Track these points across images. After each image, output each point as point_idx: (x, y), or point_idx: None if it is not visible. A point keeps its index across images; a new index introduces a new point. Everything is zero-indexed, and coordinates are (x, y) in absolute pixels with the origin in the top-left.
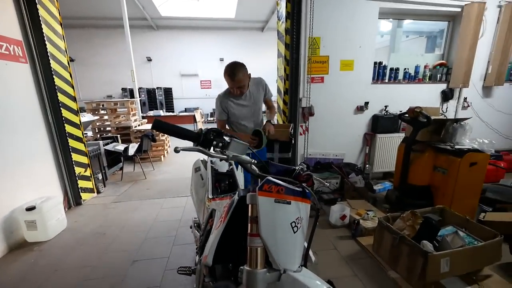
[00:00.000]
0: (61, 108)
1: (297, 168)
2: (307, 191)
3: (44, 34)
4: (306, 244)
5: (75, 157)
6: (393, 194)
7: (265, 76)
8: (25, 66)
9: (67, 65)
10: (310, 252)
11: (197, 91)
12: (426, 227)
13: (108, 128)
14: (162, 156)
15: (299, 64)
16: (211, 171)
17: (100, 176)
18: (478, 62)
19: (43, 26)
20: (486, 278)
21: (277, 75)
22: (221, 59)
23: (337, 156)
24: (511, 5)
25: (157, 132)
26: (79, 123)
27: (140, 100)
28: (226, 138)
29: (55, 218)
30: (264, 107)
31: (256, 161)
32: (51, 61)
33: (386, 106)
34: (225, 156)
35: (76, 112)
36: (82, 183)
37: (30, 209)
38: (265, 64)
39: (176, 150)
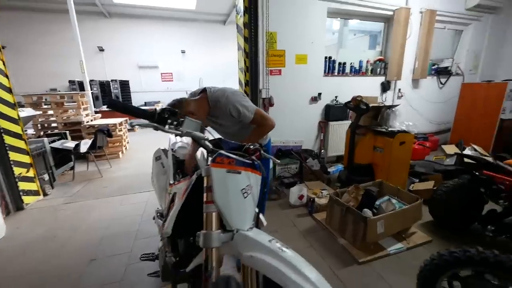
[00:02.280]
0: None
1: (247, 144)
2: (255, 162)
3: None
4: (257, 209)
5: (14, 156)
6: (343, 173)
7: (227, 68)
8: None
9: None
10: (261, 216)
11: (158, 84)
12: (366, 198)
13: (54, 124)
14: (120, 153)
15: (258, 57)
16: (172, 159)
17: (46, 176)
18: (408, 58)
19: None
20: (412, 235)
21: (237, 67)
22: (183, 51)
23: (296, 143)
24: (429, 11)
25: (114, 127)
26: (17, 118)
27: (92, 93)
28: (187, 117)
29: None
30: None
31: (208, 138)
32: None
33: (336, 97)
34: (179, 132)
35: (13, 106)
36: (24, 185)
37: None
38: (227, 57)
39: (132, 125)
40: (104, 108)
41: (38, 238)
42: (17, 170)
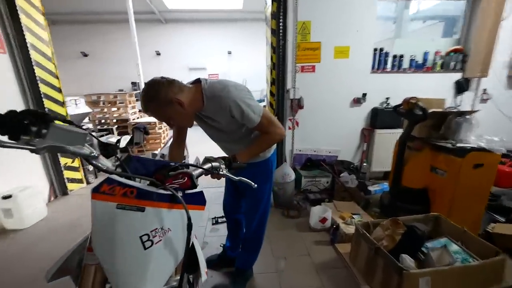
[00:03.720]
0: (43, 100)
1: (176, 163)
2: (179, 193)
3: (22, 24)
4: (176, 263)
5: None
6: (386, 197)
7: None
8: (3, 57)
9: (51, 56)
10: (202, 269)
11: None
12: (409, 238)
13: (108, 121)
14: (159, 149)
15: (286, 51)
16: None
17: (91, 167)
18: (501, 48)
19: (21, 15)
20: None
21: (265, 64)
22: (229, 52)
23: (331, 152)
24: None
25: (154, 125)
26: (65, 115)
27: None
28: (55, 125)
29: (32, 208)
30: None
31: (98, 154)
32: (32, 52)
33: (387, 98)
34: (33, 147)
35: (62, 104)
36: (68, 174)
37: (6, 197)
38: None
39: None
40: None
41: (66, 225)
42: (63, 160)
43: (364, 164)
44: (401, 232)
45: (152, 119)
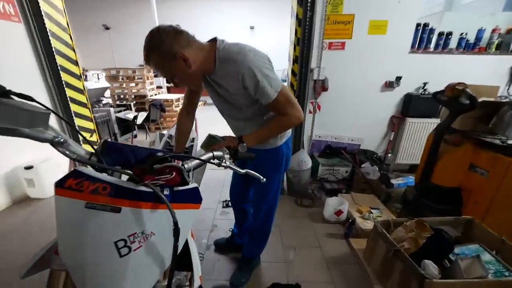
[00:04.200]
0: (60, 72)
1: (165, 153)
2: (166, 191)
3: None
4: (162, 270)
5: (79, 122)
6: (411, 192)
7: None
8: (19, 26)
9: (66, 26)
10: (197, 277)
11: None
12: (435, 243)
13: (127, 96)
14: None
15: (313, 24)
16: (163, 147)
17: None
18: None
19: None
20: None
21: (289, 40)
22: (252, 27)
23: (353, 141)
24: None
25: (170, 102)
26: (82, 88)
27: None
28: (3, 100)
29: (53, 178)
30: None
31: (64, 139)
32: (47, 21)
33: (425, 84)
34: None
35: (78, 77)
36: (87, 148)
37: (28, 168)
38: None
39: None
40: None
41: None
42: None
43: (389, 155)
44: (426, 235)
45: (170, 96)
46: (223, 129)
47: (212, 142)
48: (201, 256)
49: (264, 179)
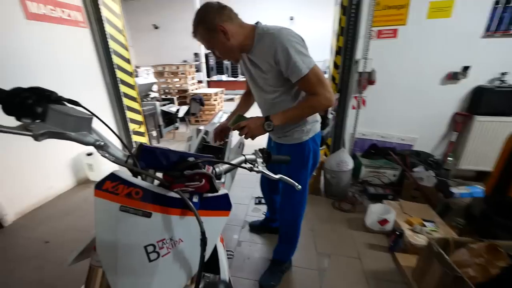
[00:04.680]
0: (115, 70)
1: (199, 159)
2: (195, 198)
3: None
4: (190, 276)
5: (130, 114)
6: (479, 205)
7: None
8: (85, 31)
9: (122, 28)
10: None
11: None
12: None
13: (171, 91)
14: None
15: (360, 11)
16: (198, 143)
17: (154, 133)
18: None
19: None
20: None
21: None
22: (291, 18)
23: (404, 140)
24: None
25: (209, 96)
26: (133, 84)
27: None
28: (54, 106)
29: (107, 164)
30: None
31: (103, 142)
32: (106, 25)
33: (503, 74)
34: (29, 132)
35: (130, 74)
36: (136, 138)
37: (89, 154)
38: None
39: None
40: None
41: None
42: (131, 126)
43: (450, 158)
44: (501, 265)
45: (210, 90)
46: None
47: (239, 119)
48: (231, 254)
49: (300, 187)
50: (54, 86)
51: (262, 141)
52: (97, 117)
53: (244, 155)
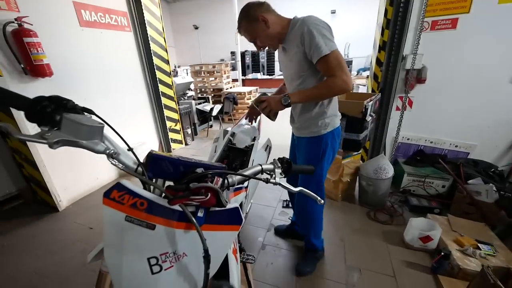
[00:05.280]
0: (155, 71)
1: (207, 168)
2: (200, 212)
3: (142, 4)
4: None
5: (167, 113)
6: None
7: None
8: (129, 34)
9: (161, 30)
10: None
11: None
12: None
13: (207, 90)
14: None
15: (411, 0)
16: (224, 145)
17: (189, 130)
18: None
19: None
20: None
21: (376, 23)
22: (333, 12)
23: (458, 147)
24: None
25: (243, 95)
26: (171, 84)
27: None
28: (68, 115)
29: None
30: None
31: (115, 151)
32: (148, 28)
33: None
34: (44, 140)
35: (168, 74)
36: (172, 135)
37: (130, 149)
38: None
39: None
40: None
41: None
42: (168, 124)
43: None
44: None
45: (243, 89)
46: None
47: (260, 97)
48: (253, 259)
49: (322, 201)
50: (102, 88)
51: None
52: (109, 125)
53: (260, 165)
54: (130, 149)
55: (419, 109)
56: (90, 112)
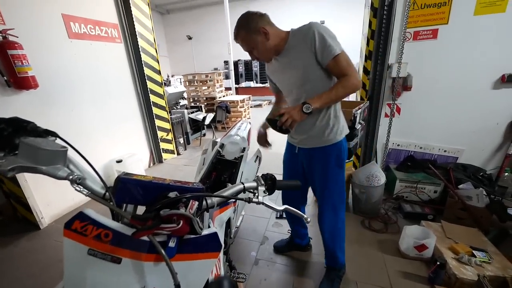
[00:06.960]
0: (147, 81)
1: (180, 192)
2: (170, 243)
3: (133, 16)
4: None
5: (159, 122)
6: None
7: None
8: (120, 46)
9: (153, 41)
10: None
11: None
12: None
13: (200, 98)
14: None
15: (393, 12)
16: (213, 157)
17: (182, 140)
18: None
19: (133, 8)
20: None
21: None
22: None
23: (447, 152)
24: None
25: (235, 103)
26: (162, 93)
27: (235, 72)
28: (26, 140)
29: (136, 171)
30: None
31: (79, 176)
32: (139, 40)
33: None
34: None
35: (160, 84)
36: (164, 145)
37: (119, 161)
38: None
39: None
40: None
41: None
42: (160, 133)
43: (506, 174)
44: None
45: (236, 97)
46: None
47: (278, 111)
48: (243, 278)
49: (309, 219)
50: (91, 99)
51: (277, 149)
52: (73, 148)
53: (243, 183)
54: (97, 173)
55: (407, 116)
56: (54, 134)
